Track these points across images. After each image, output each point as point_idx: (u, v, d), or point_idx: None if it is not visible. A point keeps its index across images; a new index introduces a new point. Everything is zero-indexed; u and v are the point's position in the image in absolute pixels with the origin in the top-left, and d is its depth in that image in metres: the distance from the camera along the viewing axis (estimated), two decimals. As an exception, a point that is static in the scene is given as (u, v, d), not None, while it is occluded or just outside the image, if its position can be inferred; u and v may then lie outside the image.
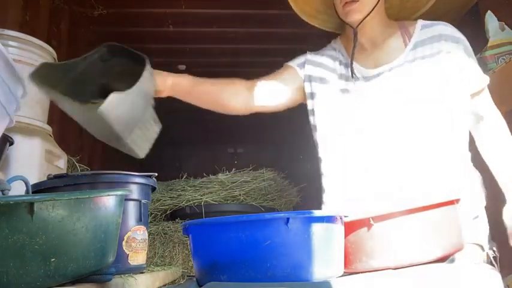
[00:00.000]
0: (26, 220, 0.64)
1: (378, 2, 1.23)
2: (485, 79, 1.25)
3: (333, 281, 0.76)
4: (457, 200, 0.97)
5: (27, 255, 0.64)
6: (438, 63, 1.20)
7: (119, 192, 0.83)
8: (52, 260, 0.67)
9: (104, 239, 0.77)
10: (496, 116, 1.25)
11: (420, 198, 0.93)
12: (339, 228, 0.85)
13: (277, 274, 0.74)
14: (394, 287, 0.76)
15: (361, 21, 1.24)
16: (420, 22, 1.28)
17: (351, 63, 1.27)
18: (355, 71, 1.26)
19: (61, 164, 1.57)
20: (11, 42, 1.40)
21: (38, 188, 1.12)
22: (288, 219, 0.75)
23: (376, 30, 1.29)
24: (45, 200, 0.66)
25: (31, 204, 0.64)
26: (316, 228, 0.78)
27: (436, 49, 1.21)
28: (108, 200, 0.79)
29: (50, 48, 1.53)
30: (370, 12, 1.22)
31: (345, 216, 0.89)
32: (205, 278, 0.81)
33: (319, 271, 0.77)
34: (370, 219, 0.89)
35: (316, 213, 0.80)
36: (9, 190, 0.89)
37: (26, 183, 0.96)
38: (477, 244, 1.15)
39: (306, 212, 0.79)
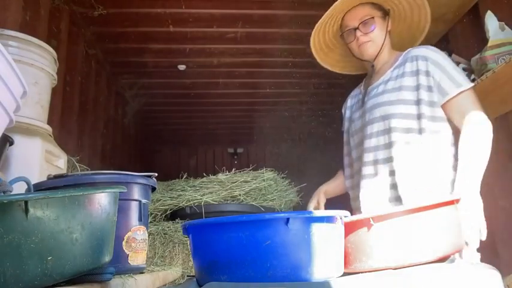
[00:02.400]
0: (20, 219, 0.64)
1: (385, 38, 1.56)
2: (455, 88, 1.39)
3: (333, 281, 0.76)
4: (457, 200, 0.97)
5: (23, 254, 0.64)
6: (408, 79, 1.46)
7: (113, 190, 0.83)
8: (49, 258, 0.67)
9: (100, 236, 0.77)
10: (470, 121, 1.35)
11: (420, 198, 0.93)
12: (339, 228, 0.85)
13: (277, 274, 0.74)
14: (394, 287, 0.76)
15: (376, 56, 1.57)
16: (409, 49, 1.55)
17: (364, 93, 1.64)
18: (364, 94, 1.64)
19: (61, 164, 1.57)
20: (11, 42, 1.40)
21: (38, 188, 1.12)
22: (288, 219, 0.75)
23: (381, 62, 1.61)
24: (39, 198, 0.66)
25: (25, 203, 0.64)
26: (316, 228, 0.78)
27: (407, 68, 1.48)
28: (102, 198, 0.79)
29: (50, 48, 1.53)
30: (382, 47, 1.56)
31: (345, 216, 0.89)
32: (205, 278, 0.81)
33: (319, 271, 0.77)
34: (370, 219, 0.89)
35: (316, 213, 0.79)
36: (11, 191, 0.89)
37: (28, 184, 0.96)
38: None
39: (306, 212, 0.79)
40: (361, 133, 1.58)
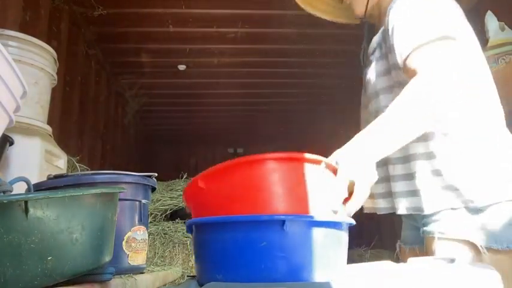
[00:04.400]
0: (20, 219, 0.64)
1: None
2: (408, 46, 1.00)
3: (333, 282, 0.76)
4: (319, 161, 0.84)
5: (23, 254, 0.64)
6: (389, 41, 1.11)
7: (113, 190, 0.83)
8: (49, 258, 0.67)
9: (100, 236, 0.77)
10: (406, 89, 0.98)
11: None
12: (339, 233, 0.84)
13: (271, 276, 0.74)
14: (393, 287, 0.76)
15: (365, 13, 1.22)
16: None
17: (363, 54, 1.29)
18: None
19: (61, 164, 1.57)
20: (11, 42, 1.40)
21: (39, 188, 1.12)
22: (283, 221, 0.74)
23: (377, 15, 1.24)
24: (39, 198, 0.66)
25: (25, 203, 0.64)
26: (315, 232, 0.77)
27: (390, 25, 1.09)
28: (102, 198, 0.79)
29: (50, 48, 1.53)
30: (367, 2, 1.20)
31: (351, 224, 0.87)
32: (203, 277, 0.81)
33: (315, 276, 0.76)
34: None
35: (315, 217, 0.79)
36: (10, 191, 0.89)
37: (28, 184, 0.96)
38: (467, 241, 1.03)
39: (303, 216, 0.78)
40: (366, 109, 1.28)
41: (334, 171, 0.90)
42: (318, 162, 0.84)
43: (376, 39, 1.20)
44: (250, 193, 0.80)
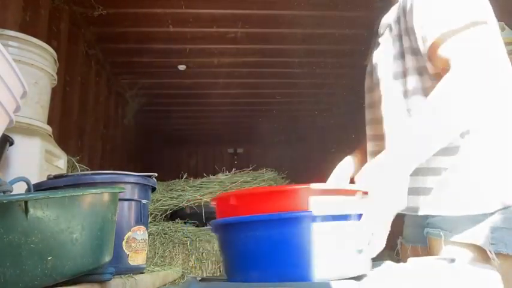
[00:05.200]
0: (20, 219, 0.64)
1: None
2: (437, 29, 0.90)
3: (333, 283, 0.76)
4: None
5: (23, 254, 0.64)
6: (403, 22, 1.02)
7: (113, 190, 0.83)
8: (49, 258, 0.67)
9: (100, 236, 0.78)
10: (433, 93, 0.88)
11: None
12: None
13: (287, 273, 0.73)
14: (394, 287, 0.76)
15: None
16: None
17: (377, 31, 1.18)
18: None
19: (61, 164, 1.57)
20: (11, 42, 1.40)
21: (39, 188, 1.12)
22: (297, 217, 0.74)
23: None
24: (39, 198, 0.66)
25: (25, 203, 0.64)
26: (332, 226, 0.77)
27: (407, 4, 0.99)
28: (102, 198, 0.79)
29: (50, 49, 1.53)
30: None
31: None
32: (234, 275, 0.81)
33: (334, 272, 0.76)
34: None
35: (333, 211, 0.78)
36: (11, 191, 0.89)
37: (28, 184, 0.96)
38: (475, 245, 0.99)
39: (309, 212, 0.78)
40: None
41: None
42: (353, 193, 0.80)
43: (387, 18, 1.10)
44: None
